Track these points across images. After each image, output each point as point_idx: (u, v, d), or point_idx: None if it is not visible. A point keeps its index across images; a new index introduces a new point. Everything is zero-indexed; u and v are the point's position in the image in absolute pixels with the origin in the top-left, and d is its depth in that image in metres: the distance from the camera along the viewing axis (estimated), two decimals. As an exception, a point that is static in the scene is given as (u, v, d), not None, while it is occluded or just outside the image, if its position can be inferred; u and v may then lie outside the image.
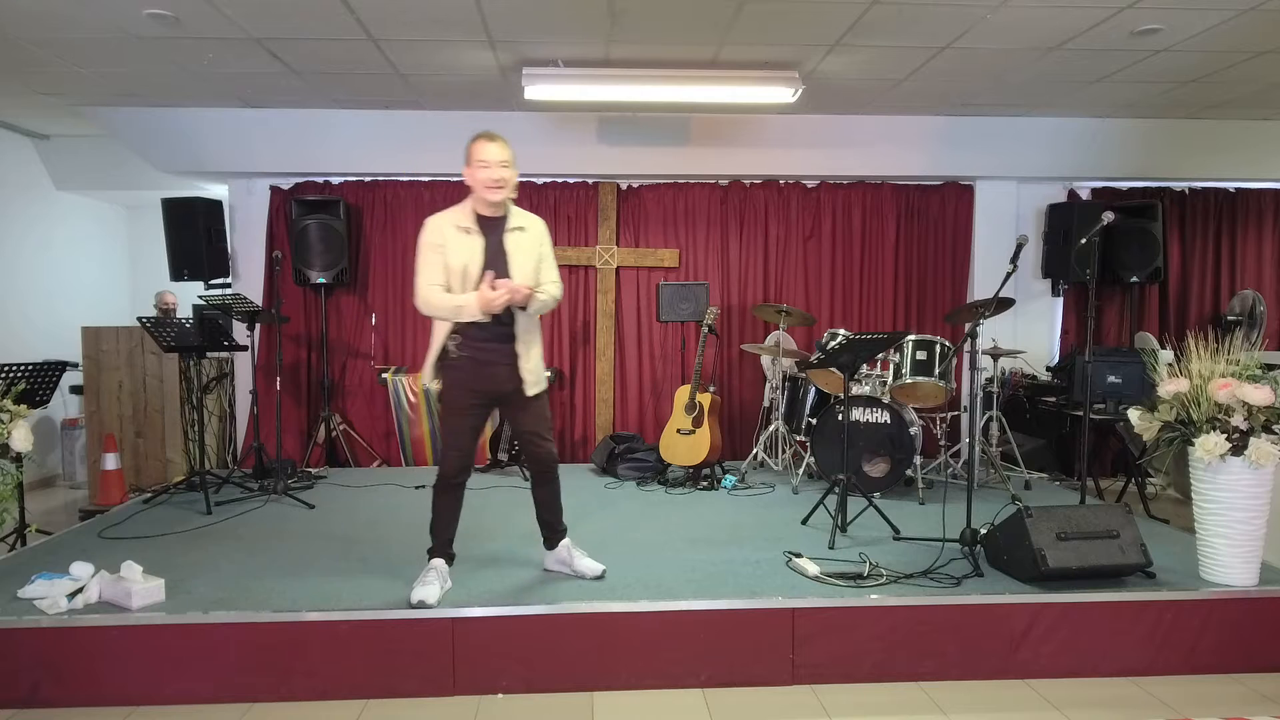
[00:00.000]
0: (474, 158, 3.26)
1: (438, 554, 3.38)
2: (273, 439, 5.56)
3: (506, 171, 3.26)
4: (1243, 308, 6.31)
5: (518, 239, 3.33)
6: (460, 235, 3.26)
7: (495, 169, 3.23)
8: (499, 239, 3.30)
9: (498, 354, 3.29)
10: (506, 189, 3.28)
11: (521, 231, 3.35)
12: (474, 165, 3.26)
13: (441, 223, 3.30)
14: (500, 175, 3.24)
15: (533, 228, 3.40)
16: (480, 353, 3.28)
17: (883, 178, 6.56)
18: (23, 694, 2.99)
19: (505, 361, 3.30)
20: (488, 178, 3.23)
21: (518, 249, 3.31)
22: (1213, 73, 5.21)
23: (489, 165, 3.23)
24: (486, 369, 3.29)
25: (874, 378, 5.22)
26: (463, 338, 3.26)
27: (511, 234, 3.33)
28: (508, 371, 3.30)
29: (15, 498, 3.86)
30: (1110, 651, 3.25)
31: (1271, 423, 3.27)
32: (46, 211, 7.02)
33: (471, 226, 3.29)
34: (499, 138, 3.29)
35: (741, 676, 3.15)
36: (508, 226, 3.33)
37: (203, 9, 4.19)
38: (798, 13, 4.31)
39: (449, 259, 3.24)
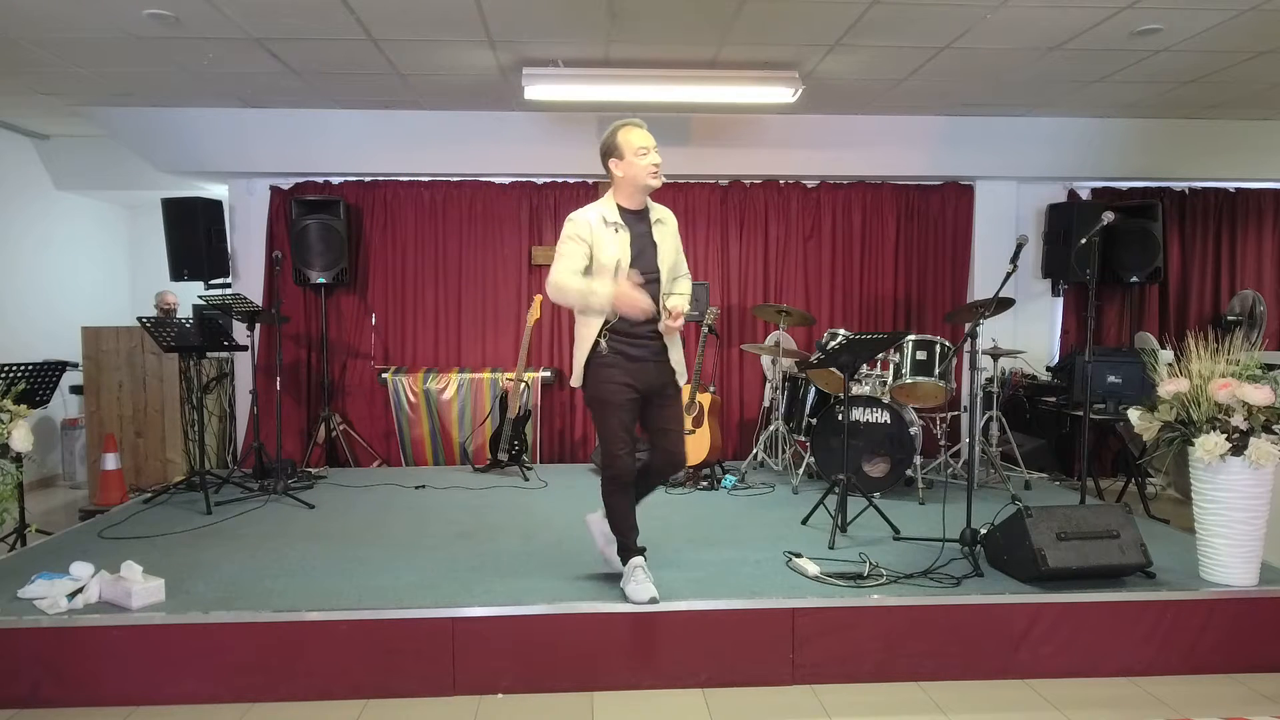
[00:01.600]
0: (633, 146, 3.16)
1: (633, 554, 3.32)
2: (273, 439, 5.56)
3: (659, 158, 3.21)
4: (1243, 308, 6.30)
5: (662, 231, 3.30)
6: (608, 231, 3.19)
7: (654, 154, 3.17)
8: (646, 231, 3.26)
9: (647, 350, 3.26)
10: (661, 175, 3.22)
11: (661, 224, 3.31)
12: (632, 154, 3.16)
13: (589, 218, 3.21)
14: (658, 161, 3.19)
15: (669, 219, 3.36)
16: (632, 348, 3.24)
17: (883, 178, 6.56)
18: (23, 694, 2.99)
19: (653, 358, 3.28)
20: (650, 164, 3.17)
21: (663, 241, 3.28)
22: (1213, 73, 5.21)
23: (649, 151, 3.16)
24: (638, 364, 3.25)
25: (874, 378, 5.22)
26: (613, 334, 3.22)
27: (655, 226, 3.29)
28: (656, 367, 3.28)
29: (15, 498, 3.85)
30: (1110, 651, 3.25)
31: (1271, 423, 3.27)
32: (46, 211, 7.02)
33: (618, 221, 3.22)
34: (644, 123, 3.23)
35: (741, 676, 3.15)
36: (652, 219, 3.29)
37: (203, 9, 4.19)
38: (798, 13, 4.31)
39: (599, 255, 3.18)
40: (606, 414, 3.26)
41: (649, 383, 3.28)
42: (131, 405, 5.92)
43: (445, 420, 6.21)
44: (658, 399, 3.33)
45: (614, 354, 3.23)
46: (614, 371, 3.23)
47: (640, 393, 3.28)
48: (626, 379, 3.24)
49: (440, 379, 6.20)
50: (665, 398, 3.34)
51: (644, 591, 3.15)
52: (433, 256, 6.48)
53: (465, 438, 6.21)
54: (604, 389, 3.25)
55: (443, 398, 6.18)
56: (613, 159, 3.21)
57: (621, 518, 3.35)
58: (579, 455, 6.50)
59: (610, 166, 3.22)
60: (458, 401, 6.20)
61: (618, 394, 3.24)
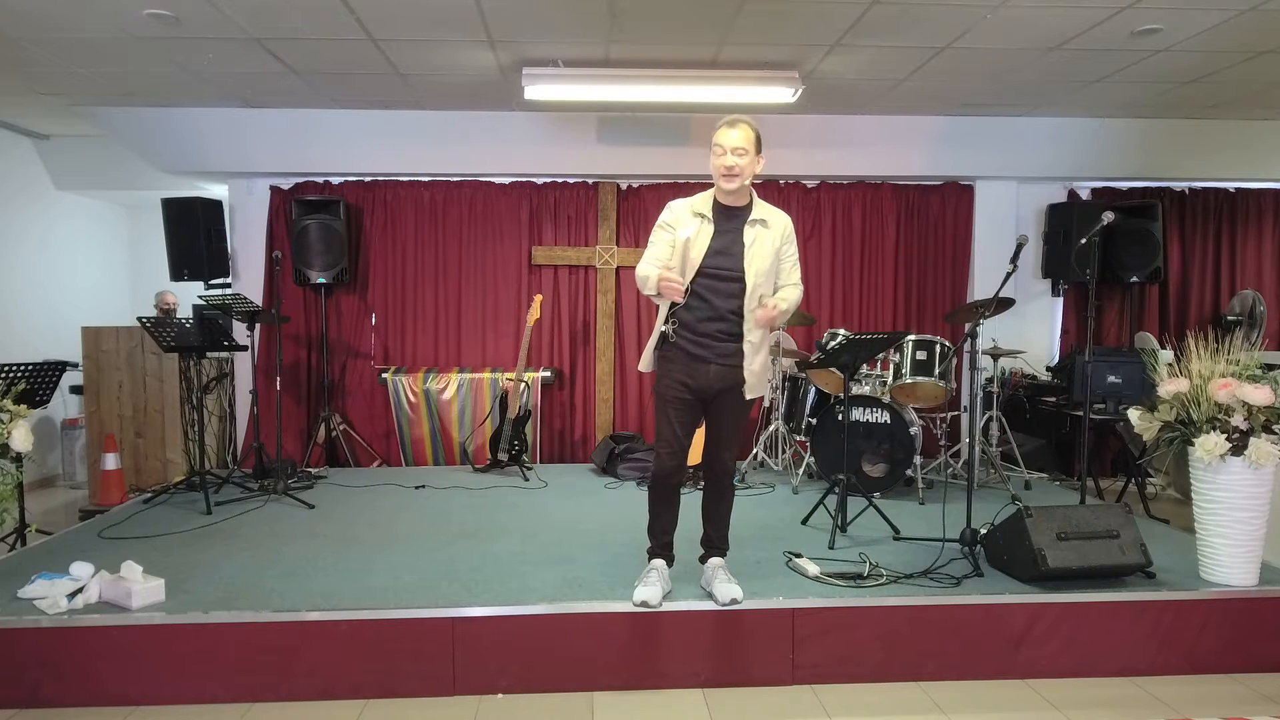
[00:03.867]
0: (713, 142, 3.15)
1: (657, 554, 3.32)
2: (273, 439, 5.55)
3: (742, 160, 3.12)
4: (1243, 308, 6.31)
5: (757, 232, 3.20)
6: (692, 219, 3.18)
7: (728, 155, 3.11)
8: (737, 230, 3.18)
9: (716, 352, 3.17)
10: (741, 177, 3.14)
11: (763, 225, 3.22)
12: (712, 152, 3.15)
13: (681, 205, 3.23)
14: (732, 163, 3.11)
15: (776, 223, 3.25)
16: (695, 345, 3.17)
17: (883, 178, 6.56)
18: (23, 694, 2.99)
19: (720, 360, 3.17)
20: (720, 165, 3.13)
21: (756, 242, 3.18)
22: (1213, 73, 5.20)
23: (724, 151, 3.12)
24: (699, 364, 3.17)
25: (874, 378, 5.22)
26: (681, 324, 3.18)
27: (751, 226, 3.20)
28: (721, 371, 3.18)
29: (15, 498, 3.85)
30: (1110, 651, 3.25)
31: (1271, 423, 3.28)
32: (46, 211, 7.02)
33: (706, 213, 3.18)
34: (742, 123, 3.15)
35: (741, 676, 3.15)
36: (748, 218, 3.21)
37: (203, 9, 4.19)
38: (798, 13, 4.30)
39: (676, 238, 3.16)
40: (659, 409, 3.25)
41: (708, 384, 3.19)
42: (131, 405, 5.92)
43: (445, 420, 6.21)
44: (717, 404, 3.26)
45: (676, 347, 3.19)
46: (673, 367, 3.21)
47: (696, 394, 3.21)
48: (683, 377, 3.19)
49: (440, 379, 6.20)
50: (725, 405, 3.24)
51: (641, 592, 3.15)
52: (433, 256, 6.48)
53: (465, 438, 6.21)
54: (661, 383, 3.24)
55: (443, 398, 6.18)
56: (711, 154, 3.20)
57: (654, 518, 3.34)
58: (579, 455, 6.50)
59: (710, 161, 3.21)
60: (458, 401, 6.20)
61: (670, 390, 3.21)
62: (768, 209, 3.29)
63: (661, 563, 3.31)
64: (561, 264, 6.52)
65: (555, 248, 6.51)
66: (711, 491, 3.41)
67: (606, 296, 6.51)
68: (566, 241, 6.51)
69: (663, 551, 3.34)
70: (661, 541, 3.34)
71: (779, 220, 3.28)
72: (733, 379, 3.21)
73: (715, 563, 3.36)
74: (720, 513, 3.41)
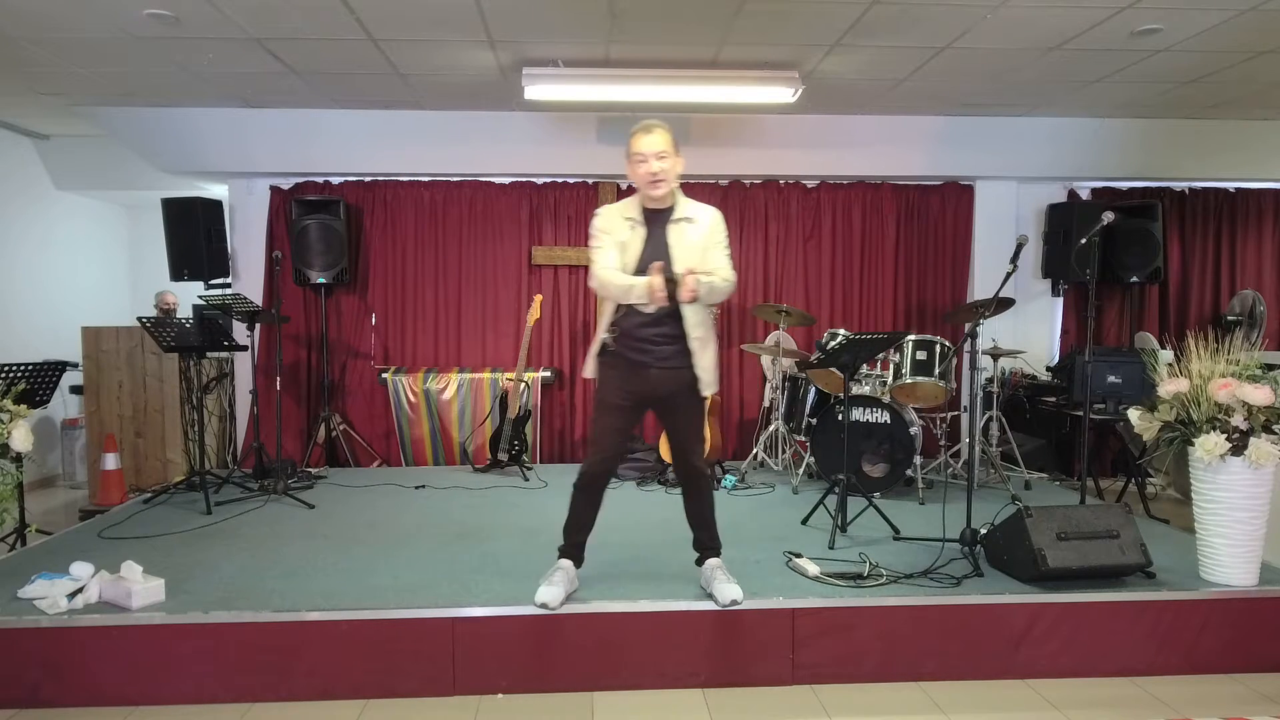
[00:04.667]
0: (630, 151, 3.13)
1: (566, 554, 3.31)
2: (273, 439, 5.55)
3: (664, 164, 3.09)
4: (1243, 308, 6.31)
5: (682, 230, 3.17)
6: (624, 227, 3.18)
7: (652, 161, 3.08)
8: (662, 230, 3.17)
9: (655, 356, 3.16)
10: (667, 182, 3.11)
11: (688, 223, 3.18)
12: (631, 160, 3.13)
13: (610, 213, 3.23)
14: (656, 168, 3.08)
15: (701, 219, 3.21)
16: (636, 352, 3.16)
17: (883, 178, 6.56)
18: (23, 694, 2.99)
19: (663, 364, 3.16)
20: (645, 172, 3.10)
21: (680, 240, 3.15)
22: (1213, 73, 5.21)
23: (645, 159, 3.09)
24: (641, 370, 3.16)
25: (874, 378, 5.22)
26: (620, 332, 3.18)
27: (676, 225, 3.18)
28: (664, 374, 3.16)
29: (15, 498, 3.85)
30: (1110, 651, 3.25)
31: (1271, 423, 3.28)
32: (46, 211, 7.02)
33: (636, 217, 3.18)
34: (657, 128, 3.12)
35: (741, 676, 3.15)
36: (673, 218, 3.19)
37: (203, 9, 4.19)
38: (798, 13, 4.31)
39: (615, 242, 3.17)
40: (596, 414, 3.27)
41: (651, 390, 3.19)
42: (131, 405, 5.92)
43: (445, 420, 6.21)
44: (666, 407, 3.25)
45: (616, 354, 3.20)
46: (613, 374, 3.21)
47: (638, 400, 3.22)
48: (622, 383, 3.19)
49: (440, 379, 6.20)
50: (675, 406, 3.23)
51: (542, 592, 3.13)
52: (433, 256, 6.48)
53: (465, 438, 6.21)
54: (602, 389, 3.25)
55: (443, 398, 6.18)
56: (626, 163, 3.19)
57: (573, 517, 3.31)
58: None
59: (626, 169, 3.21)
60: (458, 401, 6.20)
61: (611, 396, 3.22)
62: (695, 206, 3.25)
63: (569, 563, 3.29)
64: (561, 264, 6.52)
65: (555, 248, 6.51)
66: (689, 494, 3.36)
67: (606, 296, 6.50)
68: (567, 241, 6.51)
69: (573, 552, 3.32)
70: (574, 541, 3.32)
71: (706, 215, 3.23)
72: (677, 381, 3.19)
73: (713, 563, 3.35)
74: (704, 514, 3.37)
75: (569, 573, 3.27)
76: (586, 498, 3.29)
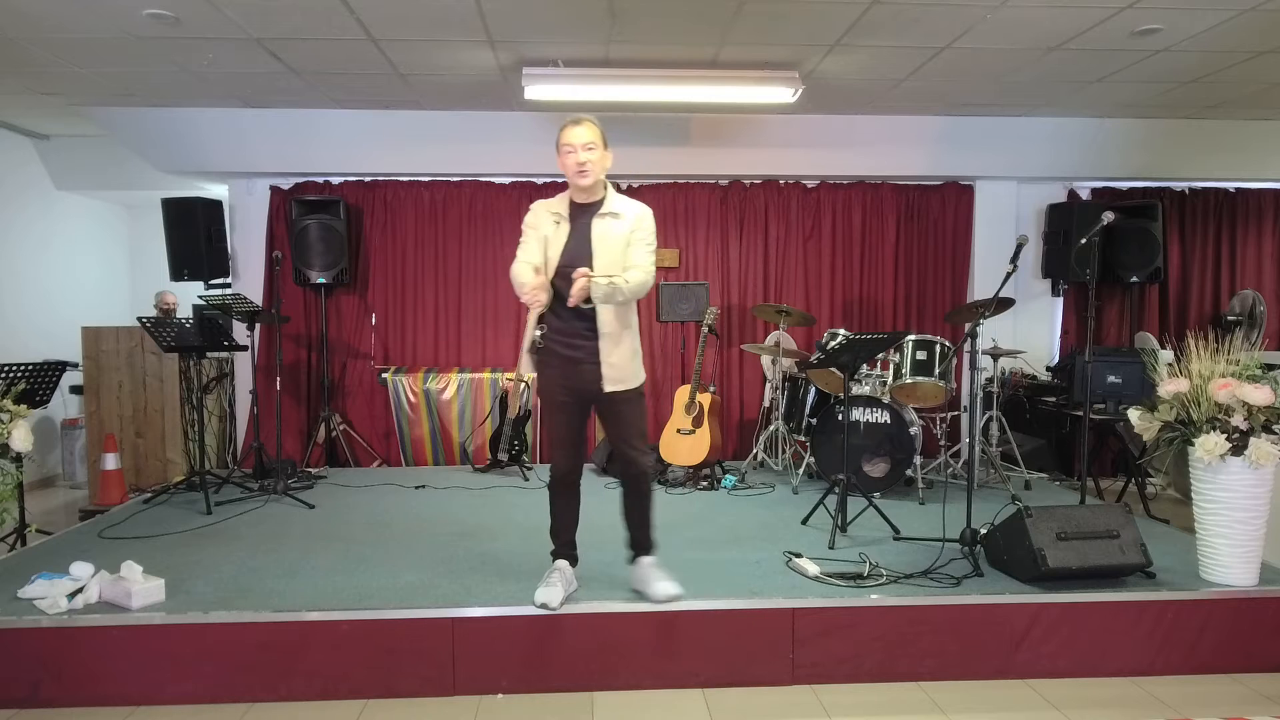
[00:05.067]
0: (560, 144, 3.14)
1: (560, 555, 3.32)
2: (273, 439, 5.56)
3: (592, 155, 3.10)
4: (1243, 308, 6.30)
5: (606, 225, 3.16)
6: (550, 221, 3.19)
7: (580, 152, 3.10)
8: (586, 225, 3.17)
9: (586, 351, 3.16)
10: (594, 173, 3.12)
11: (613, 217, 3.17)
12: (561, 152, 3.14)
13: (539, 207, 3.24)
14: (584, 159, 3.09)
15: (627, 214, 3.19)
16: (566, 348, 3.17)
17: (883, 178, 6.56)
18: (23, 694, 2.99)
19: (591, 359, 3.16)
20: (573, 163, 3.11)
21: (604, 236, 3.14)
22: (1213, 73, 5.21)
23: (573, 149, 3.10)
24: (574, 365, 3.17)
25: (874, 378, 5.22)
26: (550, 329, 3.18)
27: (601, 220, 3.17)
28: (595, 371, 3.16)
29: (15, 498, 3.86)
30: (1110, 651, 3.25)
31: (1271, 423, 3.27)
32: (46, 211, 7.02)
33: (562, 212, 3.19)
34: (586, 120, 3.14)
35: (741, 676, 3.15)
36: (598, 212, 3.18)
37: (203, 9, 4.19)
38: (798, 13, 4.31)
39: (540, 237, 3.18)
40: (545, 412, 3.29)
41: (586, 385, 3.19)
42: (131, 405, 5.92)
43: (445, 420, 6.21)
44: (602, 404, 3.25)
45: (549, 351, 3.20)
46: (551, 372, 3.22)
47: (577, 395, 3.22)
48: (560, 379, 3.21)
49: (440, 379, 6.20)
50: (609, 402, 3.21)
51: (541, 594, 3.13)
52: (433, 256, 6.48)
53: (465, 438, 6.21)
54: (542, 388, 3.26)
55: (443, 398, 6.18)
56: (557, 156, 3.19)
57: (556, 519, 3.33)
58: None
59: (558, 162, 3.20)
60: (458, 401, 6.20)
61: (553, 394, 3.23)
62: (625, 202, 3.24)
63: (565, 563, 3.30)
64: (561, 264, 6.51)
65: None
66: (628, 492, 3.32)
67: (606, 296, 6.50)
68: (566, 241, 6.51)
69: (565, 551, 3.33)
70: (564, 541, 3.33)
71: (632, 210, 3.21)
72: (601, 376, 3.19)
73: (646, 562, 3.32)
74: (641, 514, 3.33)
75: (566, 573, 3.27)
76: (563, 498, 3.31)
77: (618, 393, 3.20)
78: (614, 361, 3.18)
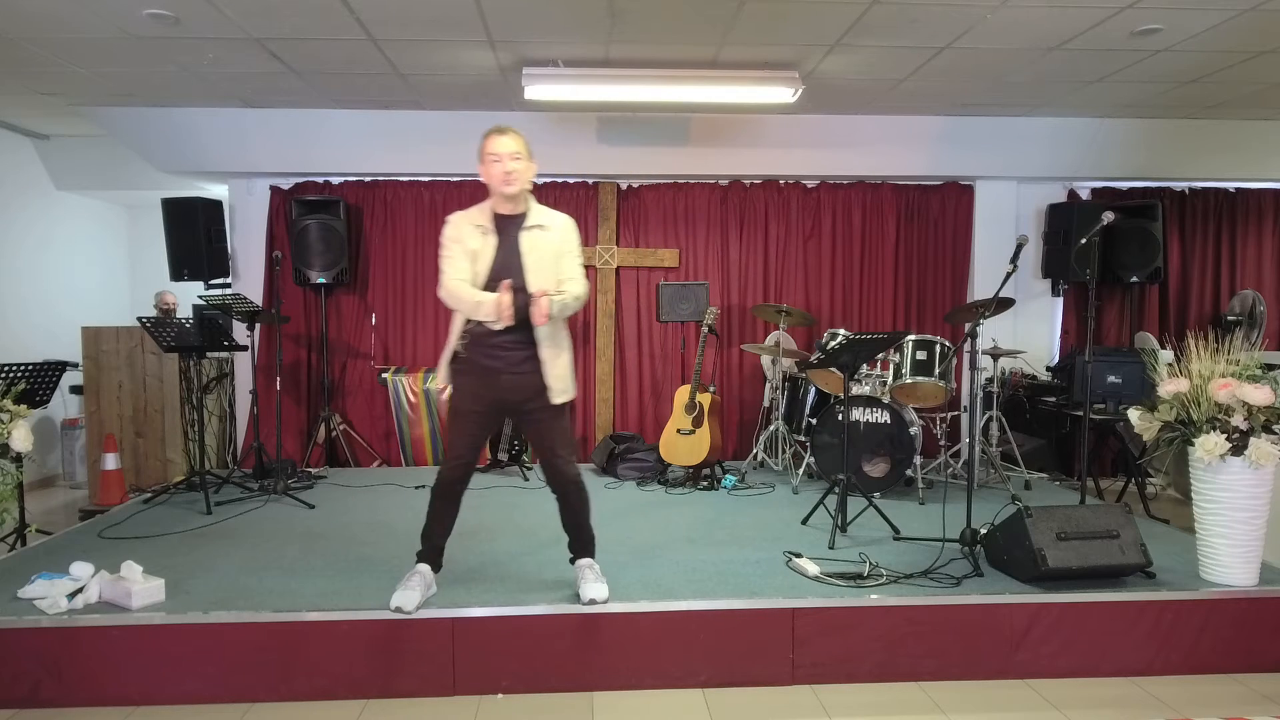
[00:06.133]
0: (484, 152, 3.13)
1: (424, 559, 3.30)
2: (273, 439, 5.56)
3: (518, 164, 3.10)
4: (1243, 308, 6.30)
5: (535, 238, 3.16)
6: (475, 234, 3.15)
7: (506, 161, 3.08)
8: (514, 238, 3.15)
9: (506, 361, 3.15)
10: (519, 182, 3.12)
11: (541, 230, 3.18)
12: (485, 161, 3.12)
13: (460, 220, 3.19)
14: (511, 168, 3.09)
15: (555, 226, 3.21)
16: (487, 358, 3.15)
17: (883, 178, 6.56)
18: (23, 694, 2.99)
19: (515, 370, 3.15)
20: (499, 172, 3.09)
21: (534, 249, 3.15)
22: (1213, 73, 5.20)
23: (500, 159, 3.09)
24: (493, 376, 3.15)
25: (874, 378, 5.22)
26: (471, 339, 3.17)
27: (529, 232, 3.16)
28: (515, 380, 3.15)
29: (15, 498, 3.86)
30: (1110, 651, 3.25)
31: (1271, 423, 3.28)
32: (46, 211, 7.02)
33: (487, 225, 3.16)
34: (510, 130, 3.14)
35: (741, 676, 3.15)
36: (525, 225, 3.17)
37: (203, 9, 4.19)
38: (798, 13, 4.31)
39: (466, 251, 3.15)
40: (451, 421, 3.25)
41: (503, 396, 3.18)
42: (131, 405, 5.92)
43: (446, 420, 6.20)
44: (525, 415, 3.24)
45: (468, 361, 3.18)
46: (467, 380, 3.20)
47: (493, 405, 3.21)
48: (476, 389, 3.18)
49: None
50: (532, 414, 3.21)
51: (397, 597, 3.11)
52: (433, 256, 6.46)
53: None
54: (456, 396, 3.23)
55: (443, 398, 6.14)
56: (479, 164, 3.16)
57: (431, 522, 3.30)
58: (579, 454, 6.50)
59: (479, 171, 3.17)
60: (458, 401, 6.19)
61: (465, 403, 3.21)
62: (547, 213, 3.24)
63: (426, 568, 3.27)
64: (561, 264, 6.51)
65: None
66: (562, 503, 3.33)
67: (606, 296, 6.51)
68: (566, 241, 6.51)
69: (431, 556, 3.31)
70: (433, 546, 3.31)
71: (559, 222, 3.23)
72: (531, 387, 3.17)
73: (583, 563, 3.34)
74: (578, 522, 3.36)
75: (426, 577, 3.24)
76: (445, 503, 3.28)
77: (551, 405, 3.19)
78: (558, 374, 3.19)
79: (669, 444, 5.51)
